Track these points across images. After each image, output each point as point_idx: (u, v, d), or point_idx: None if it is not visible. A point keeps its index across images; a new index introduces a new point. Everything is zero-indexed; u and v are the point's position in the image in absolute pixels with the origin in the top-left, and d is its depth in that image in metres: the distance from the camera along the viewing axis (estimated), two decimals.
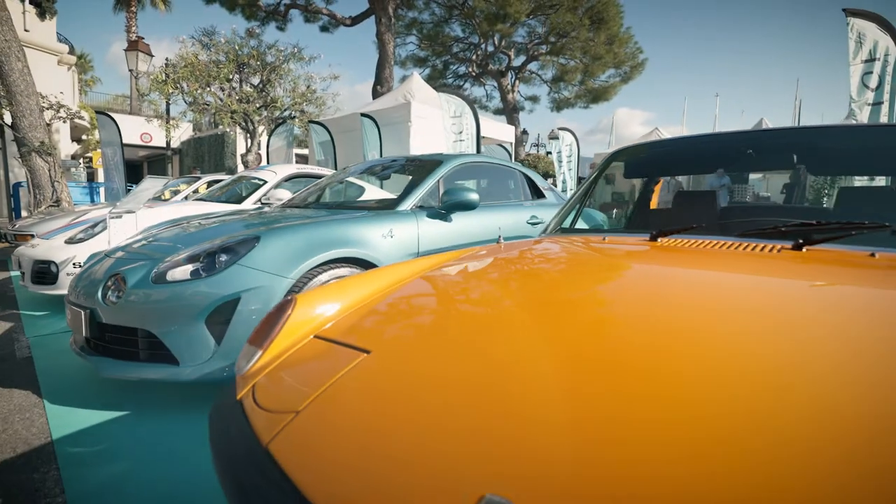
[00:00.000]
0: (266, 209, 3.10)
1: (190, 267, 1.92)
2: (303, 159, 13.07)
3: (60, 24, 15.18)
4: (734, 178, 7.29)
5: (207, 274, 1.87)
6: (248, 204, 4.33)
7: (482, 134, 9.55)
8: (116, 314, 1.88)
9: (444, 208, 2.54)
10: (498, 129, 10.01)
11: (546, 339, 0.80)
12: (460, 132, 6.26)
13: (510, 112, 18.70)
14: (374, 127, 7.75)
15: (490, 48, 18.03)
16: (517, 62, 18.61)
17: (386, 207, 2.56)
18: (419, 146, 7.63)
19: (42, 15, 15.10)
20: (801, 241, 1.14)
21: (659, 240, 1.36)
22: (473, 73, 18.79)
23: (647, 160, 2.06)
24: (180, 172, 18.45)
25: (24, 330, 3.00)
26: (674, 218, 2.05)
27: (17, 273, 4.27)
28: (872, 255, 1.07)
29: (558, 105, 19.52)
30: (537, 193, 3.52)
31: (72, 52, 15.88)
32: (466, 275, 1.27)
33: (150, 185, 3.80)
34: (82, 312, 1.96)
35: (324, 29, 15.62)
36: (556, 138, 9.56)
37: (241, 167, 11.18)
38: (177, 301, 1.82)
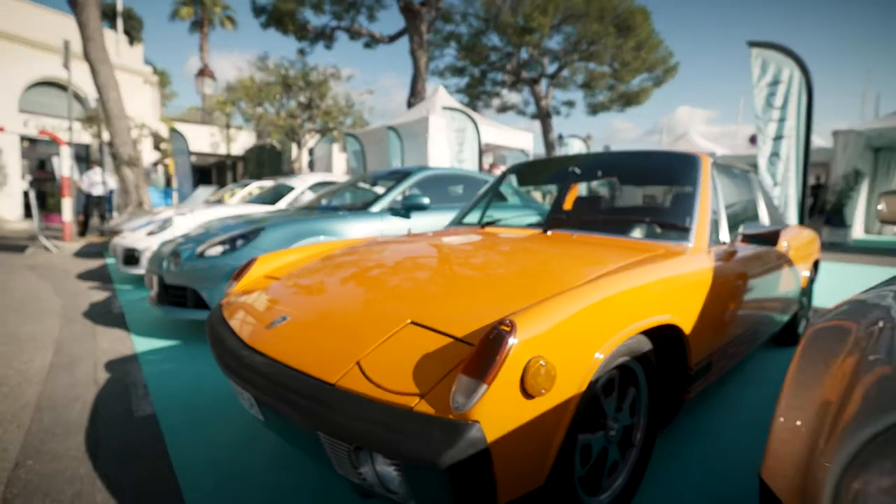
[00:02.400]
0: (284, 210, 4.09)
1: (220, 248, 2.91)
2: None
3: (145, 41, 17.59)
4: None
5: (230, 252, 2.84)
6: (282, 205, 5.41)
7: (501, 143, 10.30)
8: (175, 277, 2.90)
9: (404, 208, 3.39)
10: (516, 138, 10.67)
11: (372, 274, 1.65)
12: (461, 144, 7.09)
13: (544, 117, 19.21)
14: (398, 138, 8.72)
15: (525, 56, 18.65)
16: (551, 69, 19.11)
17: (363, 209, 3.46)
18: (435, 156, 8.50)
19: (131, 42, 17.67)
20: (545, 228, 1.90)
21: (485, 227, 2.15)
22: (509, 82, 19.48)
23: (528, 173, 2.81)
24: (243, 177, 20.50)
25: (117, 297, 4.19)
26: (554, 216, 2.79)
27: (112, 260, 5.62)
28: (571, 235, 1.81)
29: (594, 109, 19.81)
30: (500, 197, 4.29)
31: (155, 72, 18.34)
32: (368, 248, 2.12)
33: (203, 192, 4.92)
34: (154, 277, 3.01)
35: (367, 46, 16.99)
36: (566, 145, 10.11)
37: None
38: (210, 269, 2.81)
